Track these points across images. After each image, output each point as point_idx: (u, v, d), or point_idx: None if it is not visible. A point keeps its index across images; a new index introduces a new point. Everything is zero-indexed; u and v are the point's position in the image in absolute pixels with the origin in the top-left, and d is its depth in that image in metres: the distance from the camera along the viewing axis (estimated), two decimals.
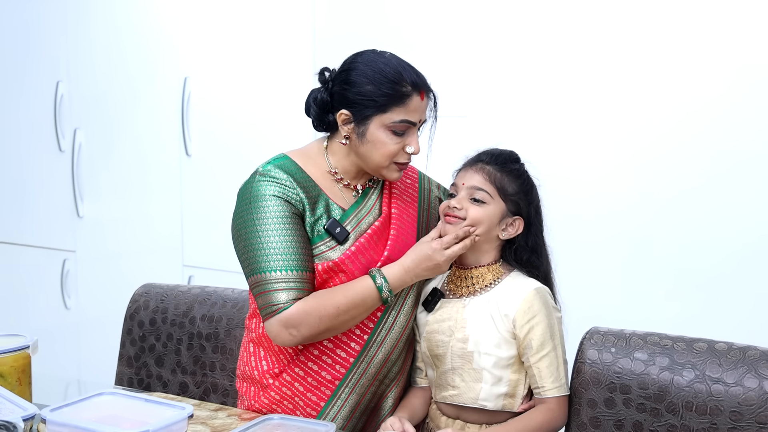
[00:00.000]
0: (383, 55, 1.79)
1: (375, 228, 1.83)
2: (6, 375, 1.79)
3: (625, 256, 2.60)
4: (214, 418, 1.81)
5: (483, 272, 1.83)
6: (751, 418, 1.66)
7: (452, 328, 1.80)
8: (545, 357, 1.76)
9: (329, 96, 1.81)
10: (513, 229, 1.83)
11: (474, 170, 1.81)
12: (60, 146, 3.79)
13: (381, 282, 1.74)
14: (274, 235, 1.72)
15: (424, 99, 1.77)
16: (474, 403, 1.79)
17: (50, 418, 1.44)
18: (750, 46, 2.39)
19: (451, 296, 1.85)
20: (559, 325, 1.81)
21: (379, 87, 1.73)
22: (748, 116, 2.40)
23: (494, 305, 1.79)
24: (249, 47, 3.24)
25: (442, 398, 1.84)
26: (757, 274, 2.41)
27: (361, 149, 1.78)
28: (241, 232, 1.76)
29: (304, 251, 1.74)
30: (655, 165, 2.54)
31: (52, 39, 3.79)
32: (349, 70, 1.78)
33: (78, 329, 3.84)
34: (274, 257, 1.71)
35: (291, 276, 1.71)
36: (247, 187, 1.80)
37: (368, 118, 1.75)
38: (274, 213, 1.73)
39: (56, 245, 3.89)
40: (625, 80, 2.57)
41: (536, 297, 1.77)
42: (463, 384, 1.79)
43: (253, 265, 1.73)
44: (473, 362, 1.78)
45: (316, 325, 1.71)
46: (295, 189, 1.77)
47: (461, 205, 1.79)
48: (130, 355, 2.35)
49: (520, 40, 2.73)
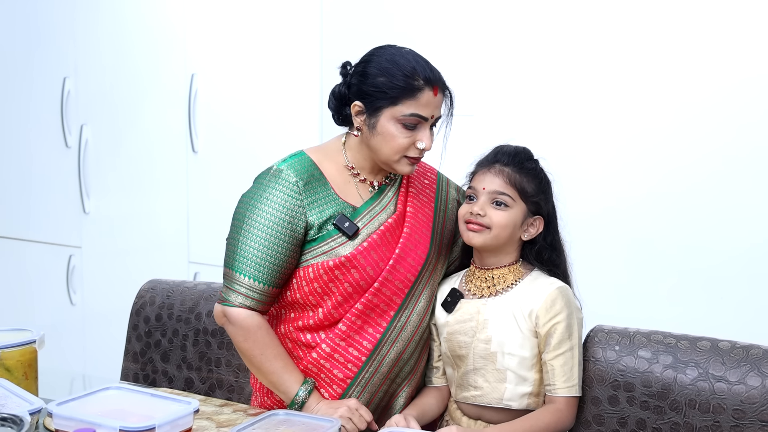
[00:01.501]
0: (401, 50, 1.80)
1: (388, 225, 1.84)
2: (13, 369, 1.80)
3: (631, 255, 2.60)
4: (220, 413, 1.82)
5: (504, 273, 1.83)
6: (754, 416, 1.67)
7: (474, 328, 1.80)
8: (561, 356, 1.76)
9: (347, 88, 1.83)
10: (534, 229, 1.83)
11: (493, 173, 1.80)
12: (66, 142, 3.80)
13: (301, 398, 1.78)
14: (257, 241, 1.77)
15: (437, 95, 1.77)
16: (499, 403, 1.79)
17: (57, 412, 1.45)
18: (757, 49, 2.39)
19: (470, 296, 1.85)
20: (580, 326, 1.81)
21: (392, 79, 1.74)
22: (755, 118, 2.40)
23: (516, 305, 1.79)
24: (256, 44, 3.24)
25: (464, 398, 1.84)
26: (763, 275, 2.41)
27: (372, 141, 1.79)
28: (235, 220, 1.83)
29: (278, 265, 1.79)
30: (661, 164, 2.54)
31: (60, 35, 3.80)
32: (367, 62, 1.80)
33: (83, 325, 3.85)
34: (248, 262, 1.78)
35: (255, 286, 1.78)
36: (260, 180, 1.83)
37: (379, 110, 1.76)
38: (266, 220, 1.78)
39: (62, 241, 3.89)
40: (633, 80, 2.57)
41: (560, 295, 1.78)
42: (487, 384, 1.79)
43: (229, 258, 1.81)
44: (497, 362, 1.78)
45: (239, 339, 1.80)
46: (299, 195, 1.79)
47: (484, 211, 1.78)
48: (135, 351, 2.36)
49: (527, 39, 2.73)
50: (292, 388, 1.78)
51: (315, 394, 1.79)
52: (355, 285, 1.79)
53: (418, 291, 1.85)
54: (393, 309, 1.82)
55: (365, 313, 1.80)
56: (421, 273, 1.85)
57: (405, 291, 1.83)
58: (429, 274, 1.87)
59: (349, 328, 1.80)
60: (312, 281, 1.80)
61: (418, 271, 1.84)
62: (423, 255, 1.86)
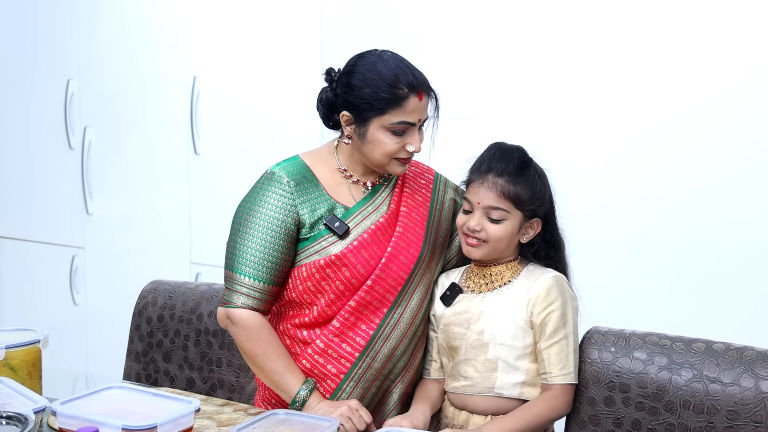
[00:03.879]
0: (382, 57, 1.82)
1: (379, 224, 1.87)
2: (17, 369, 1.83)
3: (627, 255, 2.61)
4: (221, 412, 1.84)
5: (502, 270, 1.87)
6: (747, 417, 1.69)
7: (469, 320, 1.84)
8: (556, 344, 1.79)
9: (334, 96, 1.87)
10: (532, 231, 1.87)
11: (487, 187, 1.82)
12: (70, 144, 3.82)
13: (302, 397, 1.80)
14: (255, 242, 1.82)
15: (423, 99, 1.80)
16: (490, 392, 1.82)
17: (61, 411, 1.47)
18: (755, 49, 2.40)
19: (469, 292, 1.89)
20: (575, 314, 1.84)
21: (377, 90, 1.78)
22: (752, 118, 2.41)
23: (513, 298, 1.83)
24: (257, 47, 3.26)
25: (453, 389, 1.87)
26: (759, 276, 2.42)
27: (363, 149, 1.84)
28: (233, 224, 1.88)
29: (277, 264, 1.83)
30: (657, 165, 2.55)
31: (63, 37, 3.82)
32: (350, 73, 1.83)
33: (86, 325, 3.87)
34: (248, 263, 1.82)
35: (256, 286, 1.82)
36: (255, 185, 1.89)
37: (368, 120, 1.80)
38: (263, 220, 1.83)
39: (65, 242, 3.92)
40: (630, 81, 2.58)
41: (555, 284, 1.82)
42: (477, 374, 1.83)
43: (229, 260, 1.86)
44: (488, 353, 1.81)
45: (242, 339, 1.84)
46: (292, 195, 1.83)
47: (480, 226, 1.82)
48: (138, 351, 2.38)
49: (525, 41, 2.75)
50: (293, 387, 1.81)
51: (316, 394, 1.82)
52: (347, 283, 1.83)
53: (411, 289, 1.88)
54: (386, 306, 1.85)
55: (358, 310, 1.84)
56: (414, 271, 1.88)
57: (398, 289, 1.86)
58: (422, 272, 1.90)
59: (342, 325, 1.84)
60: (305, 280, 1.84)
61: (410, 269, 1.87)
62: (416, 254, 1.88)
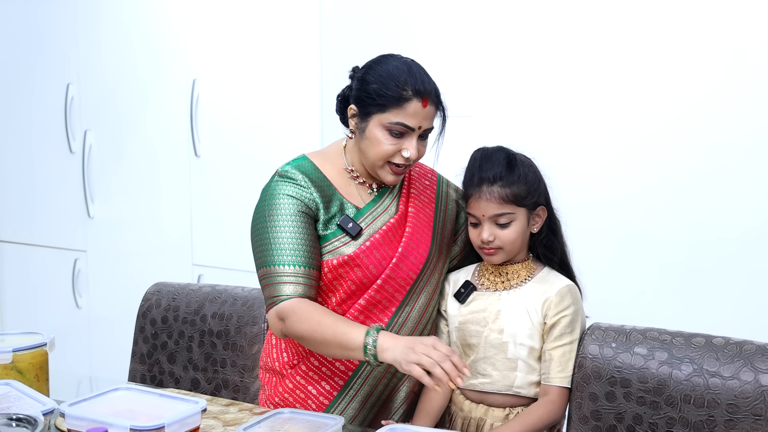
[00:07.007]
0: (401, 60, 1.84)
1: (390, 225, 1.89)
2: (24, 371, 1.84)
3: (627, 252, 2.63)
4: (226, 412, 1.85)
5: (518, 268, 1.91)
6: (747, 410, 1.70)
7: (487, 318, 1.88)
8: (561, 347, 1.84)
9: (349, 90, 1.90)
10: (540, 219, 1.91)
11: (485, 199, 1.85)
12: (71, 148, 3.84)
13: (372, 339, 1.65)
14: (285, 231, 1.80)
15: (427, 107, 1.80)
16: (509, 390, 1.86)
17: (69, 413, 1.48)
18: (748, 45, 2.42)
19: (483, 290, 1.92)
20: (583, 326, 1.90)
21: (383, 88, 1.79)
22: (752, 112, 2.43)
23: (529, 298, 1.87)
24: (257, 49, 3.28)
25: (471, 386, 1.90)
26: (760, 271, 2.44)
27: (361, 145, 1.85)
28: (255, 227, 1.86)
29: (312, 249, 1.82)
30: (656, 160, 2.57)
31: (63, 42, 3.83)
32: (368, 68, 1.86)
33: (89, 328, 3.88)
34: (284, 252, 1.79)
35: (299, 271, 1.78)
36: (266, 187, 1.90)
37: (369, 115, 1.82)
38: (287, 211, 1.82)
39: (67, 245, 3.93)
40: (627, 78, 2.60)
41: (570, 292, 1.87)
42: (497, 372, 1.86)
43: (263, 258, 1.81)
44: (507, 352, 1.85)
45: (297, 325, 1.74)
46: (309, 189, 1.85)
47: (492, 235, 1.86)
48: (142, 353, 2.39)
49: (524, 40, 2.77)
50: (359, 337, 1.66)
51: (385, 333, 1.67)
52: (358, 283, 1.85)
53: (419, 288, 1.91)
54: (395, 305, 1.87)
55: (368, 308, 1.86)
56: (423, 271, 1.90)
57: (407, 288, 1.88)
58: (431, 271, 1.93)
59: None
60: None
61: (420, 269, 1.89)
62: (425, 253, 1.91)
